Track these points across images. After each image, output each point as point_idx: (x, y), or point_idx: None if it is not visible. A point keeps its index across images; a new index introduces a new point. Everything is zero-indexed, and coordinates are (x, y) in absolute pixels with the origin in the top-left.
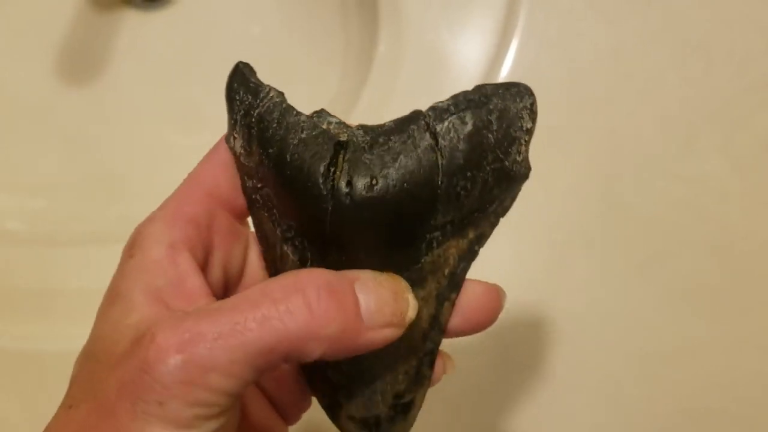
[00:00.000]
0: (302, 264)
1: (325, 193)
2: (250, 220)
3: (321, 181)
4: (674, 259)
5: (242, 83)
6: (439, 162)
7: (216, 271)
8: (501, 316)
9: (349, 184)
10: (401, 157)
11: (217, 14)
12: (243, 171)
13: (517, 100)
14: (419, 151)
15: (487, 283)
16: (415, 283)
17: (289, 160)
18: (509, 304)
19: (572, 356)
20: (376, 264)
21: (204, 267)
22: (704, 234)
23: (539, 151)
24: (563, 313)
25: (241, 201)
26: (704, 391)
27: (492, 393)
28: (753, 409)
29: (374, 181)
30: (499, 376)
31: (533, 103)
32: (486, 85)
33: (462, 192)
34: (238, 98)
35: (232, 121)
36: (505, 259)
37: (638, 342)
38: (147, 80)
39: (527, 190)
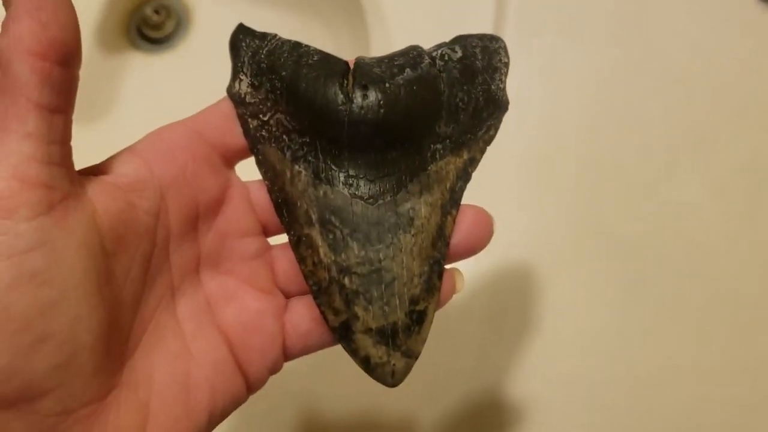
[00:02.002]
0: (316, 177)
1: (342, 95)
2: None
3: (337, 87)
4: (657, 282)
5: (248, 33)
6: (440, 75)
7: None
8: (484, 344)
9: (365, 87)
10: (407, 69)
11: (220, 55)
12: (248, 113)
13: (493, 42)
14: (422, 65)
15: (476, 206)
16: (425, 188)
17: (304, 73)
18: (493, 333)
19: (557, 380)
20: (390, 168)
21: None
22: (685, 257)
23: (523, 177)
24: (548, 336)
25: (231, 143)
26: (689, 414)
27: (472, 415)
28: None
29: (387, 85)
30: (485, 403)
31: (505, 46)
32: (463, 35)
33: (460, 104)
34: (244, 45)
35: (239, 64)
36: (491, 279)
37: (623, 365)
38: (153, 120)
39: (512, 215)
